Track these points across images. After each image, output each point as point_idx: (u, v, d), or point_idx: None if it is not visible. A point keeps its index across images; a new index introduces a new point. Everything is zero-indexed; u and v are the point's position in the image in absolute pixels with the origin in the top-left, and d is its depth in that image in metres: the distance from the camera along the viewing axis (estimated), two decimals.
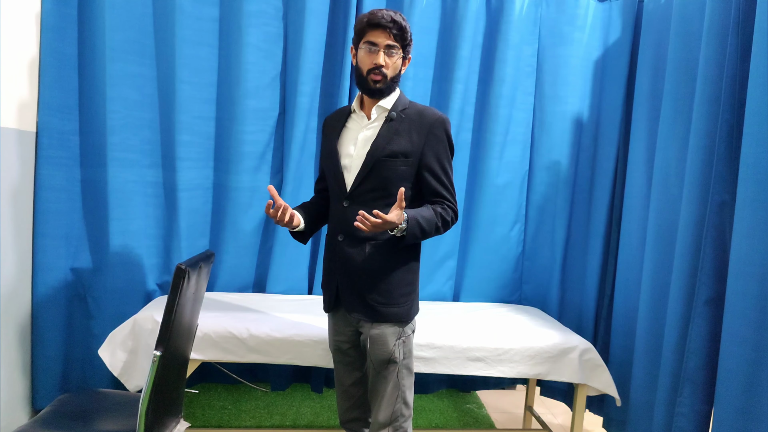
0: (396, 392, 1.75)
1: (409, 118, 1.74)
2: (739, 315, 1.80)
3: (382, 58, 1.68)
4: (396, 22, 1.66)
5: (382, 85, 1.70)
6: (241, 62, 2.56)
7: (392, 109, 1.74)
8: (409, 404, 1.78)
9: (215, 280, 2.72)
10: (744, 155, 1.82)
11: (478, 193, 2.86)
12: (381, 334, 1.72)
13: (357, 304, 1.75)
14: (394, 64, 1.71)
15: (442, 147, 1.74)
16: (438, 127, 1.73)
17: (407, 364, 1.77)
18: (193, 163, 2.60)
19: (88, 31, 2.43)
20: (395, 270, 1.74)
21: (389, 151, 1.70)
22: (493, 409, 3.04)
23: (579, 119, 2.85)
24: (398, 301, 1.73)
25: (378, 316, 1.72)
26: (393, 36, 1.67)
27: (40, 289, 2.40)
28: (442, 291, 2.88)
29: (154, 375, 1.48)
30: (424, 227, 1.68)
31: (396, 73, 1.73)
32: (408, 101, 1.79)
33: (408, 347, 1.78)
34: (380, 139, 1.72)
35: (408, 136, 1.72)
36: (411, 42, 1.76)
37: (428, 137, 1.72)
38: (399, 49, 1.70)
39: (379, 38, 1.67)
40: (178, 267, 1.51)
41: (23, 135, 2.27)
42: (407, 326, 1.77)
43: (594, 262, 2.80)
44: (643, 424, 2.35)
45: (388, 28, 1.66)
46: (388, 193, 1.72)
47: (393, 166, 1.70)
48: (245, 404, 2.81)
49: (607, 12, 2.80)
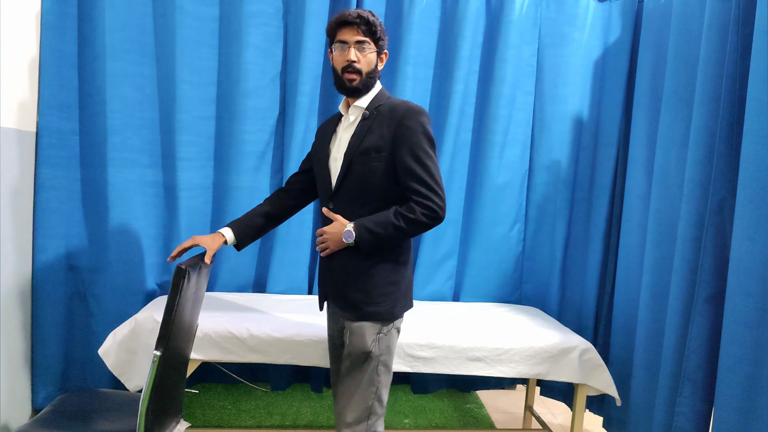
0: (371, 388, 1.72)
1: (381, 113, 1.72)
2: (740, 314, 1.80)
3: (353, 54, 1.69)
4: (362, 17, 1.68)
5: (357, 83, 1.71)
6: (241, 62, 2.57)
7: (368, 107, 1.74)
8: (383, 403, 1.76)
9: (215, 280, 2.72)
10: (744, 154, 1.82)
11: (478, 192, 2.86)
12: (360, 327, 1.72)
13: (341, 302, 1.76)
14: (366, 59, 1.71)
15: (416, 138, 1.67)
16: (409, 118, 1.68)
17: (385, 361, 1.75)
18: (193, 162, 2.60)
19: (88, 30, 2.43)
20: (377, 269, 1.72)
21: (362, 149, 1.70)
22: (493, 409, 3.04)
23: (579, 119, 2.85)
24: (379, 300, 1.71)
25: (359, 315, 1.72)
26: (362, 32, 1.69)
27: (40, 288, 2.40)
28: (442, 291, 2.88)
29: (154, 375, 1.48)
30: (374, 230, 1.65)
31: (371, 69, 1.73)
32: (387, 97, 1.78)
33: (387, 344, 1.75)
34: (354, 137, 1.73)
35: (380, 131, 1.70)
36: (384, 38, 1.75)
37: (398, 129, 1.68)
38: (370, 44, 1.71)
39: (348, 35, 1.70)
40: (178, 267, 1.51)
41: (23, 135, 2.27)
42: (389, 324, 1.75)
43: (594, 261, 2.80)
44: (643, 424, 2.35)
45: (355, 24, 1.68)
46: (367, 191, 1.71)
47: (367, 163, 1.69)
48: (245, 404, 2.81)
49: (607, 12, 2.80)
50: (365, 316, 1.71)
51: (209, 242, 1.80)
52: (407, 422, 2.75)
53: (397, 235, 1.67)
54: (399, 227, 1.66)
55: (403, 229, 1.66)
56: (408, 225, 1.66)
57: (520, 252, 2.93)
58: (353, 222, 1.68)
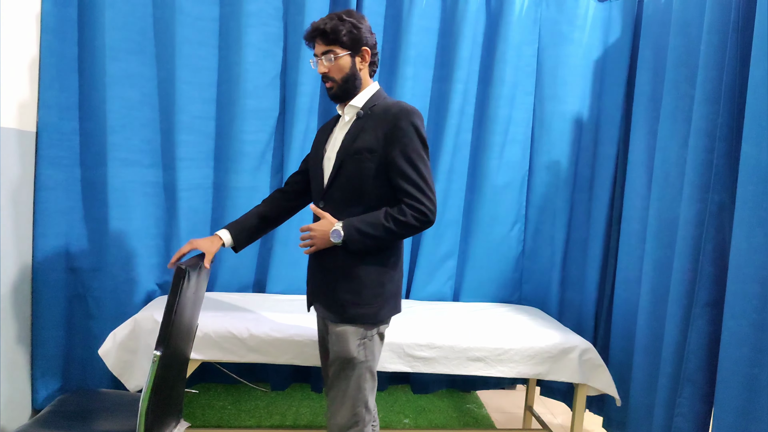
0: (359, 395, 1.70)
1: (375, 114, 1.71)
2: (739, 315, 1.80)
3: (320, 67, 1.73)
4: (318, 29, 1.69)
5: (335, 90, 1.74)
6: (241, 62, 2.57)
7: (363, 107, 1.74)
8: (371, 408, 1.74)
9: (215, 280, 2.72)
10: (744, 155, 1.82)
11: (478, 193, 2.86)
12: (342, 333, 1.70)
13: (325, 302, 1.75)
14: (336, 66, 1.71)
15: (408, 140, 1.65)
16: (402, 119, 1.65)
17: (370, 367, 1.72)
18: (193, 162, 2.60)
19: (88, 31, 2.43)
20: (364, 271, 1.69)
21: (355, 149, 1.68)
22: (493, 409, 3.04)
23: (579, 119, 2.85)
24: (363, 302, 1.69)
25: (342, 317, 1.70)
26: (322, 42, 1.70)
27: (40, 288, 2.40)
28: (442, 291, 2.88)
29: (154, 375, 1.48)
30: (363, 229, 1.64)
31: (345, 74, 1.72)
32: (383, 97, 1.77)
33: (372, 351, 1.72)
34: (348, 137, 1.72)
35: (373, 132, 1.68)
36: (357, 36, 1.71)
37: (391, 130, 1.66)
38: (335, 50, 1.70)
39: (315, 49, 1.74)
40: (178, 267, 1.51)
41: (23, 135, 2.27)
42: (373, 328, 1.72)
43: (594, 262, 2.80)
44: (643, 424, 2.36)
45: (313, 38, 1.72)
46: (358, 192, 1.69)
47: (359, 163, 1.68)
48: (245, 404, 2.81)
49: (607, 12, 2.80)
50: (349, 319, 1.69)
51: (207, 246, 1.79)
52: (407, 422, 2.75)
53: (387, 236, 1.65)
54: (388, 228, 1.64)
55: (393, 231, 1.65)
56: (398, 227, 1.64)
57: (520, 252, 2.93)
58: (342, 221, 1.67)
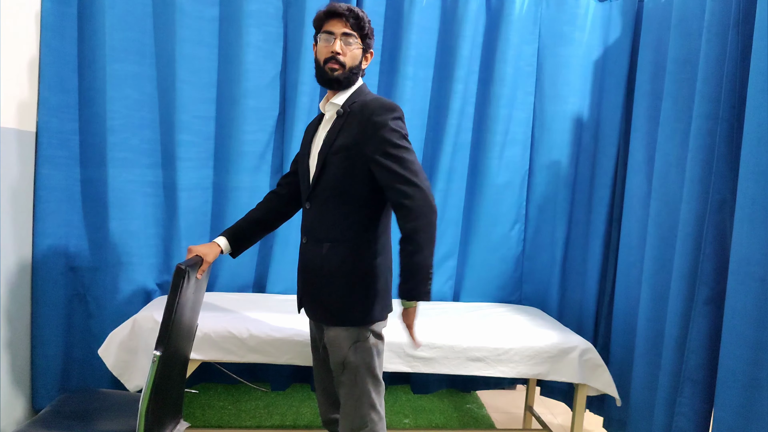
0: (363, 398, 1.69)
1: (354, 111, 1.67)
2: (740, 314, 1.80)
3: (338, 45, 1.66)
4: (352, 11, 1.66)
5: (340, 73, 1.67)
6: (241, 62, 2.56)
7: (343, 105, 1.70)
8: (378, 410, 1.71)
9: (215, 280, 2.71)
10: (744, 154, 1.82)
11: (478, 192, 2.86)
12: (335, 337, 1.68)
13: (313, 305, 1.73)
14: (352, 53, 1.68)
15: (382, 134, 1.60)
16: (378, 113, 1.61)
17: (370, 368, 1.70)
18: (193, 163, 2.60)
19: (88, 30, 2.43)
20: (352, 271, 1.67)
21: (335, 147, 1.65)
22: (493, 409, 3.04)
23: (579, 119, 2.85)
24: (350, 303, 1.67)
25: (331, 319, 1.68)
26: (350, 25, 1.66)
27: (39, 288, 2.40)
28: (442, 291, 2.88)
29: (154, 375, 1.48)
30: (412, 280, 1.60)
31: (355, 64, 1.69)
32: (365, 93, 1.72)
33: (368, 352, 1.69)
34: (328, 135, 1.69)
35: (351, 130, 1.65)
36: (371, 37, 1.72)
37: (367, 126, 1.61)
38: (357, 38, 1.68)
39: (335, 27, 1.67)
40: (178, 267, 1.51)
41: (23, 135, 2.27)
42: (365, 330, 1.69)
43: (594, 262, 2.80)
44: (644, 424, 2.35)
45: (344, 16, 1.65)
46: (341, 192, 1.66)
47: (339, 162, 1.65)
48: (245, 404, 2.81)
49: (607, 11, 2.80)
50: (339, 321, 1.68)
51: (206, 252, 1.79)
52: (407, 422, 2.75)
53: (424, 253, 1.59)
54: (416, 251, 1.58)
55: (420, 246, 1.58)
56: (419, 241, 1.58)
57: (520, 252, 2.93)
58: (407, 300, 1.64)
